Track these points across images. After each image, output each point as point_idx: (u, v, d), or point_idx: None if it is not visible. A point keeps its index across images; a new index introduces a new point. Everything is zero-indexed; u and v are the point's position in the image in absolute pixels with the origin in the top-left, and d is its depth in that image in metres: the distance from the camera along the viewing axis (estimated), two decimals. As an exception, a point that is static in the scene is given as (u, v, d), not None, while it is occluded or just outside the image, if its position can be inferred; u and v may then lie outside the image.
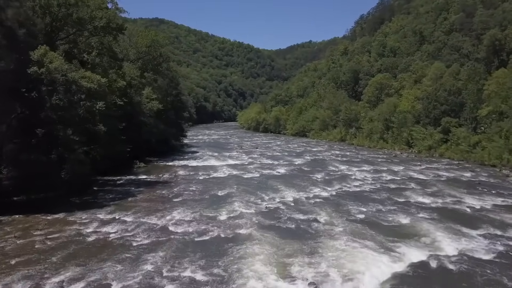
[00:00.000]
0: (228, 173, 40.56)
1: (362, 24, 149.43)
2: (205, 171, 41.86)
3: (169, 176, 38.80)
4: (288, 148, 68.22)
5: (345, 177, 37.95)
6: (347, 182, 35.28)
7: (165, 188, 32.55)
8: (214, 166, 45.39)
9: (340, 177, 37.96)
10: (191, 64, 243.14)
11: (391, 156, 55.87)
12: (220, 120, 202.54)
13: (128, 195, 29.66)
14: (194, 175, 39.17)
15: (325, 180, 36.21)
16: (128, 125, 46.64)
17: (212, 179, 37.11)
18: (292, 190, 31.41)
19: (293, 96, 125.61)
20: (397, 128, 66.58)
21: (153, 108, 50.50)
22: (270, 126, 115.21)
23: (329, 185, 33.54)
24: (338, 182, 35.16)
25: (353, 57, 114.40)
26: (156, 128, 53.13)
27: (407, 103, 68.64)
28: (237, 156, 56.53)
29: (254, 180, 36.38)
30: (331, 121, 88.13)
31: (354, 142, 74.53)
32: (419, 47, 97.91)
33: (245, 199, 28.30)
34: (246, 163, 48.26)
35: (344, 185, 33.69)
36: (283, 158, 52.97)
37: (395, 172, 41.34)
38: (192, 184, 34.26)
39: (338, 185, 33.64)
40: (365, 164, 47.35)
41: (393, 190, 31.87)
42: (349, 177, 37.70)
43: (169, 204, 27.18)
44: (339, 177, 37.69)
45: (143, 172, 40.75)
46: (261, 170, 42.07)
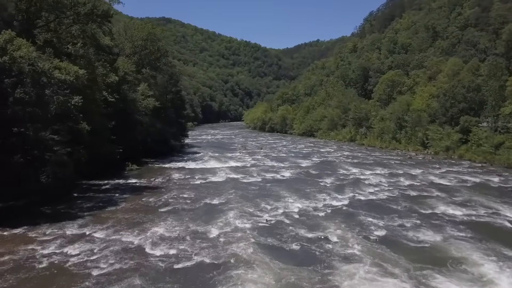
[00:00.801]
0: (228, 176, 36.39)
1: (371, 21, 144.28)
2: (203, 174, 37.75)
3: (161, 180, 34.73)
4: (294, 149, 63.90)
5: (358, 182, 33.56)
6: (360, 188, 30.89)
7: (154, 194, 28.45)
8: (213, 169, 41.25)
9: (352, 182, 33.58)
10: (198, 63, 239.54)
11: (405, 158, 51.30)
12: (226, 120, 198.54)
13: (109, 204, 25.62)
14: (189, 179, 35.06)
15: (335, 186, 31.87)
16: (122, 124, 42.92)
17: (209, 184, 32.96)
18: (297, 198, 27.13)
19: (300, 94, 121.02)
20: (411, 127, 62.00)
21: (149, 105, 46.52)
22: (276, 126, 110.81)
23: (340, 192, 29.19)
24: (350, 188, 30.78)
25: (363, 54, 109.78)
26: (153, 127, 49.19)
27: (422, 101, 64.01)
28: (239, 157, 52.36)
29: (255, 185, 32.14)
30: (340, 121, 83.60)
31: (365, 143, 69.96)
32: (432, 43, 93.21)
33: (243, 210, 24.10)
34: (248, 165, 44.06)
35: (358, 192, 29.30)
36: (288, 160, 48.69)
37: (413, 176, 36.87)
38: (185, 190, 30.13)
39: (351, 192, 29.28)
40: (379, 166, 42.91)
41: (414, 199, 27.45)
42: (362, 182, 33.31)
43: (153, 215, 23.07)
44: (351, 182, 33.31)
45: (134, 176, 36.73)
46: (264, 174, 37.84)
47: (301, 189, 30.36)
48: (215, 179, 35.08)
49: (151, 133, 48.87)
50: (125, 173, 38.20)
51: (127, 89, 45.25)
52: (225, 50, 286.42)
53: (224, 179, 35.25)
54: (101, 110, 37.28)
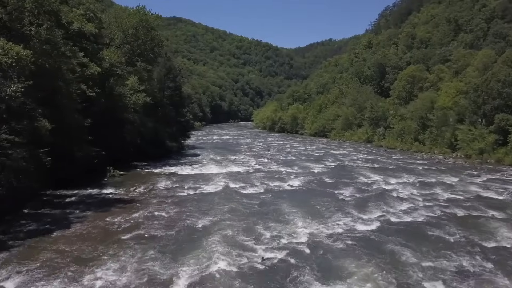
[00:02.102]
0: (224, 185, 29.73)
1: (387, 16, 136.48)
2: (195, 182, 31.20)
3: (143, 190, 28.23)
4: (305, 151, 56.97)
5: (384, 194, 26.59)
6: (388, 204, 23.93)
7: (124, 212, 21.94)
8: (210, 176, 34.66)
9: (377, 194, 26.62)
10: (208, 63, 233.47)
11: (433, 162, 44.07)
12: (236, 120, 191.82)
13: (60, 225, 19.16)
14: (177, 189, 28.51)
15: (356, 201, 24.97)
16: (107, 123, 36.86)
17: (198, 197, 26.34)
18: (308, 220, 20.31)
19: (312, 93, 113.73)
20: (436, 127, 54.64)
21: (138, 101, 40.17)
22: (287, 126, 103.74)
23: (363, 210, 22.29)
24: (376, 204, 23.84)
25: (378, 50, 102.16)
26: (144, 127, 42.85)
27: (447, 98, 56.59)
28: (243, 160, 45.72)
29: (256, 199, 25.39)
30: (355, 120, 76.40)
31: (383, 144, 62.71)
32: (455, 37, 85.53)
33: (232, 239, 17.40)
34: (252, 171, 37.39)
35: (387, 211, 22.33)
36: (298, 164, 41.84)
37: (450, 186, 29.78)
38: (166, 205, 23.56)
39: (378, 210, 22.35)
40: (404, 173, 35.86)
41: (464, 222, 20.45)
42: (389, 195, 26.33)
43: (108, 245, 16.51)
44: (376, 195, 26.36)
45: (113, 184, 30.31)
46: (268, 182, 31.08)
47: (313, 205, 23.54)
48: (208, 189, 28.45)
49: (142, 133, 42.55)
50: (104, 180, 31.81)
51: (114, 83, 39.02)
52: (236, 49, 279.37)
53: (219, 189, 28.59)
54: (76, 106, 31.03)
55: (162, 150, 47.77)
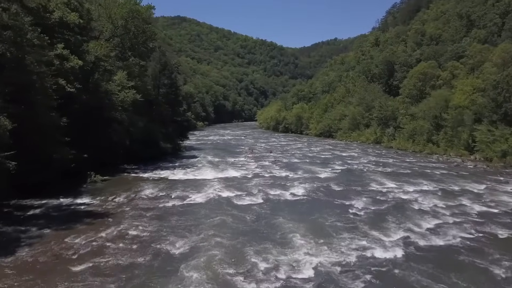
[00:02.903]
0: (217, 194, 25.67)
1: (394, 13, 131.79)
2: (185, 189, 27.20)
3: (122, 199, 24.24)
4: (310, 153, 52.80)
5: (403, 207, 22.41)
6: (411, 220, 19.73)
7: (90, 229, 17.94)
8: (203, 182, 30.64)
9: (395, 207, 22.43)
10: (212, 62, 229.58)
11: (451, 166, 39.78)
12: (239, 120, 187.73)
13: (2, 250, 15.23)
14: (161, 199, 24.50)
15: (371, 215, 20.79)
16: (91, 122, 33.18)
17: (185, 208, 22.32)
18: (313, 243, 16.15)
19: (317, 92, 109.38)
20: (451, 127, 50.24)
21: (127, 99, 36.27)
22: (291, 126, 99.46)
23: (382, 230, 18.09)
24: (395, 220, 19.66)
25: (386, 48, 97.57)
26: (134, 127, 38.94)
27: (463, 96, 52.26)
28: (242, 163, 41.69)
29: (251, 213, 21.27)
30: (362, 120, 72.08)
31: (393, 145, 58.37)
32: (467, 33, 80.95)
33: (215, 272, 13.32)
34: (250, 176, 33.32)
35: (411, 230, 18.10)
36: (303, 168, 37.71)
37: (477, 195, 25.55)
38: (144, 221, 19.54)
39: (399, 229, 18.13)
40: (422, 178, 31.63)
41: (509, 244, 16.29)
42: (410, 208, 22.14)
43: (48, 283, 12.52)
44: (394, 208, 22.17)
45: (90, 191, 26.38)
46: (268, 190, 26.97)
47: (320, 222, 19.42)
48: (197, 199, 24.39)
49: (132, 133, 38.64)
50: (83, 187, 27.88)
51: (99, 78, 35.14)
52: (241, 48, 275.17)
53: (209, 198, 24.54)
54: (51, 103, 27.21)
55: (156, 152, 43.87)
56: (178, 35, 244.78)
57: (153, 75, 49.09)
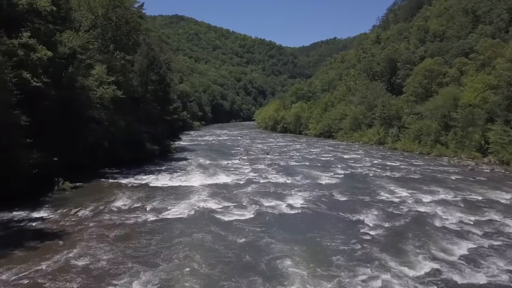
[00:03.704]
0: (201, 206, 21.70)
1: (395, 10, 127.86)
2: (166, 199, 23.28)
3: (88, 213, 20.26)
4: (310, 155, 48.85)
5: (423, 223, 18.45)
6: (436, 243, 15.76)
7: (32, 257, 14.01)
8: (188, 189, 26.72)
9: (414, 223, 18.46)
10: (210, 61, 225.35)
11: (465, 170, 35.87)
12: (237, 120, 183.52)
13: None
14: (135, 211, 20.53)
15: (386, 236, 16.82)
16: (60, 121, 29.25)
17: (159, 225, 18.35)
18: (312, 277, 12.28)
19: (317, 91, 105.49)
20: (461, 127, 46.34)
21: (105, 95, 32.32)
22: (290, 126, 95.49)
23: (401, 257, 14.12)
24: (417, 243, 15.69)
25: (388, 45, 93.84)
26: (116, 126, 34.97)
27: (474, 94, 48.50)
28: (236, 167, 37.78)
29: (237, 232, 17.30)
30: (365, 119, 68.14)
31: (398, 146, 54.42)
32: (473, 29, 77.15)
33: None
34: (243, 182, 29.38)
35: (439, 259, 14.09)
36: (301, 173, 33.78)
37: (506, 207, 21.64)
38: (104, 243, 15.59)
39: (424, 257, 14.15)
40: (436, 185, 27.73)
41: None
42: (431, 225, 18.20)
43: None
44: (413, 225, 18.22)
45: (53, 202, 22.41)
46: (261, 201, 23.00)
47: (322, 246, 15.47)
48: (176, 212, 20.43)
49: (113, 133, 34.69)
50: (48, 196, 23.90)
51: (74, 72, 31.18)
52: (239, 48, 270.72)
53: (191, 212, 20.56)
54: (10, 99, 23.30)
55: (141, 154, 39.84)
56: (176, 34, 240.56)
57: (140, 70, 45.07)
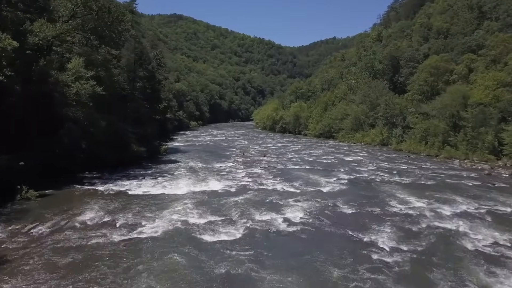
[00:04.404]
0: (182, 221, 18.18)
1: (397, 8, 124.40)
2: (140, 213, 19.78)
3: (44, 230, 16.77)
4: (309, 157, 45.38)
5: (450, 245, 15.03)
6: (472, 273, 12.35)
7: None
8: (171, 198, 23.25)
9: (438, 245, 15.00)
10: (208, 60, 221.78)
11: (481, 174, 32.41)
12: (236, 119, 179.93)
13: None
14: (100, 229, 17.03)
15: (406, 263, 13.38)
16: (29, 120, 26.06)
17: (125, 247, 14.86)
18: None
19: (316, 89, 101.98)
20: (472, 128, 42.94)
21: (81, 92, 28.80)
22: (288, 126, 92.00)
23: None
24: (448, 275, 12.27)
25: (390, 43, 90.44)
26: (96, 126, 31.44)
27: (484, 92, 45.07)
28: (229, 170, 34.33)
29: (220, 259, 13.82)
30: (367, 119, 64.69)
31: (403, 148, 50.96)
32: (479, 25, 73.80)
33: None
34: (235, 189, 25.91)
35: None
36: (301, 178, 30.31)
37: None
38: (51, 274, 12.16)
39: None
40: (453, 193, 24.29)
41: None
42: (460, 248, 14.74)
43: None
44: (437, 248, 14.76)
45: (9, 214, 18.87)
46: (253, 214, 19.52)
47: (325, 277, 12.04)
48: (149, 230, 16.90)
49: (93, 134, 31.17)
50: (7, 206, 20.45)
51: (46, 65, 27.72)
52: (238, 47, 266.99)
53: (169, 228, 17.06)
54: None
55: (126, 156, 36.42)
56: (174, 33, 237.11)
57: (127, 66, 41.69)
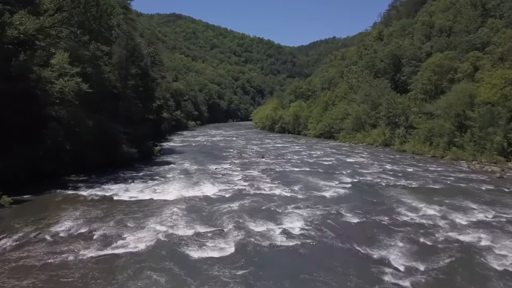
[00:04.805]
0: (167, 233, 16.10)
1: (397, 7, 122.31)
2: (121, 222, 17.71)
3: (10, 244, 14.67)
4: (310, 158, 43.30)
5: (467, 258, 13.02)
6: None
7: None
8: (158, 205, 21.16)
9: (456, 261, 12.97)
10: (207, 60, 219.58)
11: (492, 177, 30.34)
12: (235, 119, 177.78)
13: None
14: (73, 242, 14.93)
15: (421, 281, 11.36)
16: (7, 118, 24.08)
17: (97, 267, 12.74)
18: None
19: (316, 89, 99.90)
20: (479, 128, 40.92)
21: (65, 89, 26.70)
22: (288, 126, 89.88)
23: None
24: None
25: (391, 41, 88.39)
26: (81, 126, 29.31)
27: (492, 91, 43.08)
28: (225, 173, 32.26)
29: (206, 281, 11.79)
30: (368, 119, 62.61)
31: (407, 148, 48.86)
32: (483, 23, 71.82)
33: None
34: (229, 195, 23.82)
35: None
36: (301, 181, 28.24)
37: None
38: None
39: None
40: (466, 198, 22.24)
41: None
42: (479, 262, 12.73)
43: None
44: (455, 264, 12.73)
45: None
46: (248, 224, 17.40)
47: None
48: (129, 245, 14.78)
49: (79, 134, 29.07)
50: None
51: (27, 61, 25.62)
52: (237, 46, 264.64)
53: (151, 243, 14.95)
54: None
55: (117, 158, 34.45)
56: (173, 32, 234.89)
57: (119, 63, 39.59)
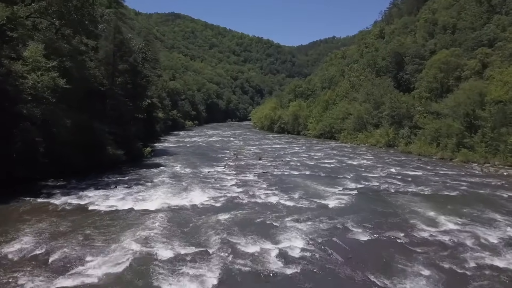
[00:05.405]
0: (141, 254, 13.30)
1: (399, 4, 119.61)
2: (91, 239, 14.91)
3: None
4: (310, 160, 40.49)
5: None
6: None
7: None
8: (138, 216, 18.36)
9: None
10: (206, 59, 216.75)
11: (510, 182, 27.60)
12: (233, 119, 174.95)
13: None
14: (20, 270, 12.13)
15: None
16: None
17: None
18: None
19: (316, 88, 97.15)
20: (491, 128, 38.18)
21: (38, 85, 23.89)
22: (287, 126, 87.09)
23: None
24: None
25: (393, 39, 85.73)
26: (59, 126, 26.49)
27: (504, 88, 40.38)
28: (219, 177, 29.47)
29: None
30: (370, 119, 59.84)
31: (413, 150, 46.07)
32: (489, 19, 69.15)
33: None
34: (220, 204, 21.02)
35: None
36: (301, 187, 25.44)
37: None
38: None
39: None
40: (486, 208, 19.48)
41: None
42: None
43: None
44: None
45: None
46: (238, 243, 14.60)
47: None
48: (91, 273, 11.93)
49: (56, 135, 26.28)
50: None
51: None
52: (236, 46, 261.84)
53: (118, 270, 12.14)
54: None
55: (104, 160, 31.66)
56: (172, 31, 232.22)
57: (105, 59, 36.79)
